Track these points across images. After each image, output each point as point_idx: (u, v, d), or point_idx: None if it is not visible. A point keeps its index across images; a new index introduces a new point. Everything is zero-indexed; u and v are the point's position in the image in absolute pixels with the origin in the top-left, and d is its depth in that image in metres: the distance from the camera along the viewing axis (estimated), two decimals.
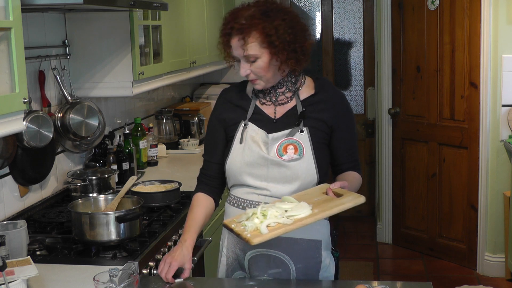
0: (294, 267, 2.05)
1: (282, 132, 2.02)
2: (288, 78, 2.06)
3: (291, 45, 1.95)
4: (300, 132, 2.02)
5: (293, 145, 2.01)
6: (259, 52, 1.93)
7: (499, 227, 4.25)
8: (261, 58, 1.94)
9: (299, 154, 2.00)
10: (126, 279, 1.71)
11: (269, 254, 2.06)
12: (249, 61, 1.96)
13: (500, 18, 4.06)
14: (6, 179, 2.51)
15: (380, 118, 4.97)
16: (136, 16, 2.89)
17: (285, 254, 2.05)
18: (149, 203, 2.66)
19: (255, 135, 2.04)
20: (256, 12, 1.94)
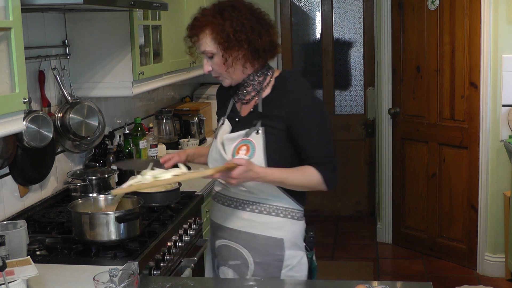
0: (253, 261, 2.10)
1: (237, 133, 2.10)
2: (255, 76, 2.11)
3: (249, 43, 2.02)
4: (256, 132, 2.06)
5: (246, 146, 2.07)
6: (213, 48, 2.04)
7: (499, 227, 4.25)
8: (216, 54, 2.04)
9: (250, 156, 2.05)
10: (126, 279, 1.71)
11: (230, 245, 2.15)
12: (208, 58, 2.07)
13: (500, 18, 4.06)
14: (6, 179, 2.51)
15: (380, 118, 4.97)
16: (136, 16, 2.89)
17: (244, 248, 2.11)
18: (149, 203, 2.66)
19: (222, 133, 2.15)
20: (212, 11, 2.05)
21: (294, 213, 2.14)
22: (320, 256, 4.78)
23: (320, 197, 5.74)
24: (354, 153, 5.68)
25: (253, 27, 2.02)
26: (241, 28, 2.00)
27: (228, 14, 2.01)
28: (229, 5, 2.04)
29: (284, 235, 2.11)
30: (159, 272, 2.26)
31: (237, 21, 2.00)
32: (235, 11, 2.02)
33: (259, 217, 2.10)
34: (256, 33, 2.02)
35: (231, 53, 2.02)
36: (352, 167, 5.70)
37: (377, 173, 5.21)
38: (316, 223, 5.56)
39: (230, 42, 2.00)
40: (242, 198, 2.12)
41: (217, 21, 2.01)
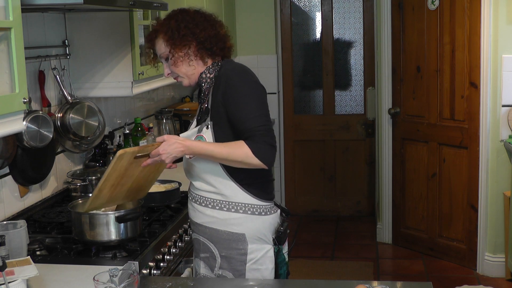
0: (219, 254, 2.20)
1: (192, 130, 2.21)
2: (207, 74, 2.20)
3: (189, 37, 2.14)
4: (206, 127, 2.16)
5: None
6: (165, 50, 2.18)
7: (499, 227, 4.25)
8: (169, 54, 2.17)
9: None
10: (126, 279, 1.71)
11: (199, 239, 2.26)
12: (164, 61, 2.22)
13: (500, 18, 4.06)
14: (6, 179, 2.51)
15: (380, 118, 4.97)
16: (136, 16, 2.89)
17: (210, 242, 2.21)
18: (149, 203, 2.66)
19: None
20: (164, 18, 2.22)
21: (255, 208, 2.19)
22: (320, 256, 4.82)
23: (320, 197, 5.74)
24: (354, 153, 5.68)
25: (197, 23, 2.16)
26: (185, 25, 2.15)
27: (176, 17, 2.18)
28: (178, 12, 2.21)
29: (245, 230, 2.18)
30: (159, 272, 2.26)
31: (183, 19, 2.16)
32: (182, 14, 2.19)
33: (220, 214, 2.19)
34: (201, 27, 2.16)
35: (180, 49, 2.15)
36: (352, 167, 5.70)
37: (377, 173, 5.21)
38: (316, 223, 5.57)
39: (176, 39, 2.14)
40: (205, 195, 2.21)
41: (166, 24, 2.18)
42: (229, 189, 2.17)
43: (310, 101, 5.79)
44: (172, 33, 2.15)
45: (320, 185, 5.74)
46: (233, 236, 2.18)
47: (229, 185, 2.16)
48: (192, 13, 2.21)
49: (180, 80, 2.24)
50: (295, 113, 5.71)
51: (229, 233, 2.18)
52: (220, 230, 2.19)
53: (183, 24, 2.16)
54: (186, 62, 2.18)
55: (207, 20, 2.21)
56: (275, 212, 2.25)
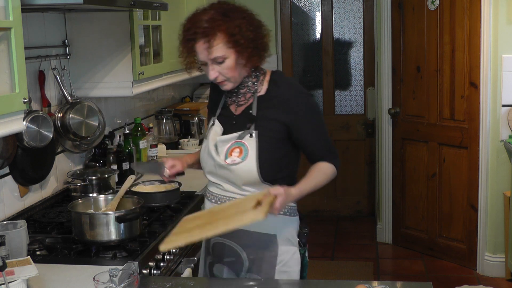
0: (247, 257, 2.12)
1: (231, 135, 2.10)
2: (249, 78, 2.11)
3: (254, 42, 2.02)
4: (249, 136, 2.07)
5: (239, 148, 2.08)
6: (226, 53, 1.99)
7: (499, 227, 4.25)
8: (229, 58, 2.00)
9: (242, 158, 2.06)
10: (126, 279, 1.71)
11: (224, 243, 2.16)
12: (216, 63, 2.01)
13: (500, 18, 4.06)
14: (6, 179, 2.51)
15: (380, 118, 4.97)
16: (136, 16, 2.89)
17: (238, 245, 2.13)
18: (149, 203, 2.66)
19: (214, 135, 2.15)
20: (215, 14, 1.99)
21: (287, 209, 2.16)
22: (320, 256, 4.82)
23: (320, 197, 5.74)
24: (354, 153, 5.68)
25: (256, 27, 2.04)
26: (246, 28, 2.00)
27: (234, 16, 2.00)
28: (228, 6, 2.03)
29: (277, 231, 2.14)
30: (159, 272, 2.26)
31: (246, 22, 2.01)
32: (238, 12, 2.02)
33: None
34: (260, 32, 2.05)
35: (242, 55, 2.00)
36: (352, 167, 5.69)
37: (377, 173, 5.21)
38: (316, 223, 5.56)
39: (242, 44, 1.98)
40: (235, 197, 2.13)
41: (228, 24, 1.97)
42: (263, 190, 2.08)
43: None
44: (236, 37, 1.97)
45: None
46: (264, 237, 2.12)
47: (263, 186, 2.08)
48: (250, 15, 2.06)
49: (224, 83, 2.08)
50: None
51: (261, 234, 2.12)
52: (251, 231, 2.11)
53: (244, 28, 1.99)
54: (241, 66, 2.04)
55: (260, 26, 2.08)
56: (298, 214, 2.23)
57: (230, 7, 2.04)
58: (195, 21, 1.99)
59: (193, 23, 1.99)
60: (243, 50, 1.99)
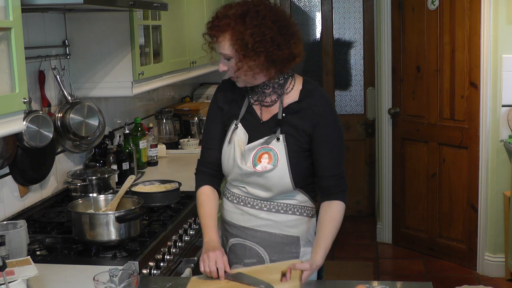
0: (269, 259, 2.10)
1: (257, 142, 2.05)
2: (275, 79, 2.06)
3: (261, 54, 1.94)
4: (276, 140, 2.03)
5: (268, 154, 2.04)
6: (229, 52, 1.97)
7: (499, 227, 4.25)
8: (233, 58, 1.97)
9: (273, 164, 2.02)
10: (126, 279, 1.71)
11: (245, 244, 2.13)
12: (225, 58, 2.01)
13: (500, 18, 4.06)
14: (6, 179, 2.51)
15: (380, 118, 4.97)
16: (136, 16, 2.89)
17: (260, 246, 2.11)
18: (149, 203, 2.66)
19: (239, 142, 2.08)
20: (235, 13, 1.95)
21: (309, 210, 2.14)
22: None
23: None
24: (354, 153, 5.68)
25: (273, 38, 1.94)
26: (261, 38, 1.92)
27: (250, 21, 1.93)
28: (253, 9, 1.95)
29: (300, 232, 2.12)
30: (159, 272, 2.26)
31: (258, 30, 1.93)
32: (258, 18, 1.94)
33: (276, 216, 2.10)
34: (276, 45, 1.95)
35: (247, 61, 1.96)
36: (352, 167, 5.69)
37: (377, 173, 5.21)
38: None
39: (247, 51, 1.93)
40: (258, 197, 2.09)
41: (238, 27, 1.93)
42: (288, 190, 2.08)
43: None
44: (243, 44, 1.93)
45: None
46: (287, 239, 2.11)
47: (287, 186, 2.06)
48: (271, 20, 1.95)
49: (236, 79, 2.05)
50: None
51: (284, 236, 2.10)
52: (274, 233, 2.10)
53: (258, 38, 1.92)
54: (248, 71, 1.99)
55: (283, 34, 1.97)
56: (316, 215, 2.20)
57: (257, 9, 1.95)
58: (218, 13, 2.00)
59: (216, 14, 2.00)
60: (248, 58, 1.95)
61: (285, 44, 1.98)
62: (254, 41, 1.92)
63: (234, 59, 1.97)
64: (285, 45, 1.98)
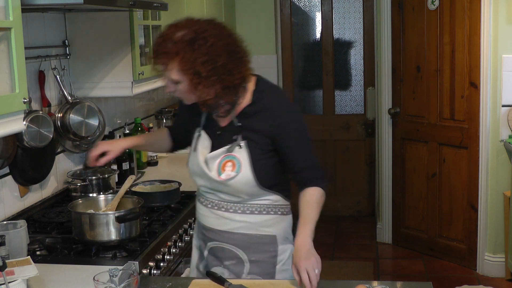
0: (248, 259, 2.13)
1: (220, 150, 2.07)
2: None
3: (214, 82, 1.92)
4: (239, 147, 2.05)
5: (231, 162, 2.05)
6: (180, 78, 1.92)
7: (499, 227, 4.25)
8: (183, 83, 1.93)
9: (237, 171, 2.04)
10: (126, 279, 1.71)
11: (223, 246, 2.15)
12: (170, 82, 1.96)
13: (500, 18, 4.06)
14: (6, 179, 2.51)
15: (380, 118, 4.97)
16: (136, 16, 2.89)
17: (238, 248, 2.13)
18: (149, 203, 2.66)
19: (203, 149, 2.11)
20: (183, 37, 1.89)
21: (284, 208, 2.16)
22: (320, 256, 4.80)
23: None
24: (354, 153, 5.68)
25: (224, 65, 1.91)
26: (213, 66, 1.89)
27: (199, 48, 1.87)
28: (201, 35, 1.89)
29: (276, 231, 2.15)
30: (159, 272, 2.26)
31: (209, 58, 1.88)
32: (207, 45, 1.88)
33: (251, 217, 2.12)
34: (227, 71, 1.92)
35: (199, 89, 1.93)
36: (352, 167, 5.70)
37: (377, 173, 5.21)
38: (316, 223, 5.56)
39: (201, 80, 1.90)
40: (231, 201, 2.11)
41: (187, 56, 1.87)
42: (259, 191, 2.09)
43: (310, 101, 5.79)
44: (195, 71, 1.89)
45: None
46: (264, 239, 2.13)
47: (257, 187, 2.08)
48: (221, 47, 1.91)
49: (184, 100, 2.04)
50: None
51: (261, 236, 2.12)
52: (250, 234, 2.12)
53: (210, 67, 1.88)
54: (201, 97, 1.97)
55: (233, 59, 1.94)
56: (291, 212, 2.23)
57: (204, 36, 1.90)
58: (166, 35, 1.93)
59: (163, 39, 1.93)
60: (200, 85, 1.91)
61: (236, 69, 1.95)
62: (206, 70, 1.89)
63: (184, 83, 1.93)
64: (236, 69, 1.95)
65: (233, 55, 1.95)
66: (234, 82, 1.96)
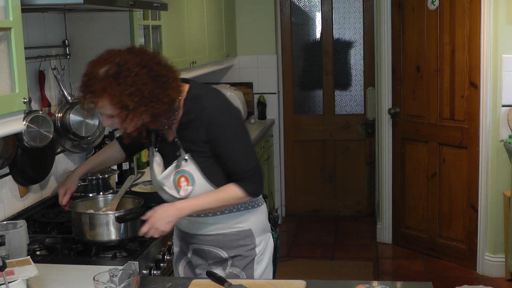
0: (228, 256, 2.17)
1: (169, 169, 2.09)
2: None
3: (143, 112, 1.91)
4: (184, 161, 2.06)
5: (184, 176, 2.08)
6: (112, 112, 1.92)
7: (499, 227, 4.25)
8: (115, 116, 1.93)
9: (192, 184, 2.07)
10: (126, 279, 1.71)
11: (203, 248, 2.20)
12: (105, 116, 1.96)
13: (500, 18, 4.06)
14: (6, 179, 2.51)
15: (380, 118, 4.97)
16: (136, 16, 2.89)
17: (217, 247, 2.17)
18: (149, 203, 2.65)
19: (157, 168, 2.14)
20: (108, 72, 1.88)
21: (253, 201, 2.18)
22: (320, 256, 4.82)
23: (320, 197, 5.74)
24: (354, 153, 5.69)
25: (151, 92, 1.90)
26: (140, 97, 1.88)
27: (125, 80, 1.86)
28: (124, 67, 1.87)
29: (251, 224, 2.18)
30: (159, 272, 2.26)
31: (135, 89, 1.87)
32: (131, 75, 1.87)
33: (223, 218, 2.15)
34: (155, 98, 1.91)
35: (131, 119, 1.92)
36: (352, 167, 5.70)
37: (377, 173, 5.21)
38: (316, 223, 5.57)
39: (129, 112, 1.89)
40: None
41: (114, 91, 1.86)
42: None
43: (310, 101, 5.79)
44: (124, 105, 1.88)
45: (320, 185, 5.74)
46: (241, 234, 2.16)
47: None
48: (144, 74, 1.89)
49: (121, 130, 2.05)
50: (295, 113, 5.71)
51: (236, 232, 2.16)
52: (226, 233, 2.16)
53: (137, 99, 1.87)
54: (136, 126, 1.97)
55: (159, 83, 1.91)
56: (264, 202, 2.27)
57: (126, 67, 1.88)
58: (91, 76, 1.92)
59: (88, 78, 1.92)
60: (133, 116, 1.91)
61: (164, 93, 1.93)
62: (134, 102, 1.88)
63: (117, 117, 1.93)
64: (163, 94, 1.93)
65: (159, 80, 1.92)
66: (163, 107, 1.94)
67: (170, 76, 1.97)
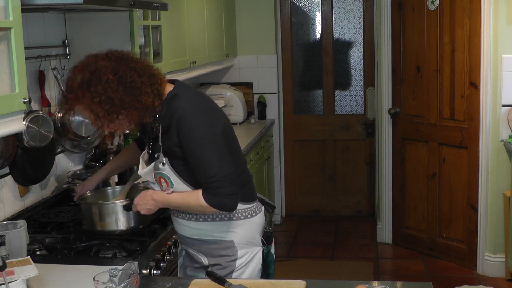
0: (208, 263, 2.17)
1: (148, 168, 2.11)
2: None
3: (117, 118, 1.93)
4: (161, 164, 2.06)
5: (163, 178, 2.09)
6: (89, 116, 1.96)
7: (499, 227, 4.25)
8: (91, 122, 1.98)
9: (171, 186, 2.09)
10: (126, 279, 1.71)
11: (188, 251, 2.23)
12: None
13: (500, 18, 4.06)
14: (6, 179, 2.51)
15: (380, 118, 4.97)
16: (136, 16, 2.89)
17: (199, 252, 2.18)
18: None
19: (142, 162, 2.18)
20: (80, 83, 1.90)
21: (241, 213, 2.15)
22: (320, 256, 4.82)
23: (320, 197, 5.74)
24: (354, 153, 5.69)
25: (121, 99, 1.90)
26: (110, 104, 1.90)
27: (95, 89, 1.88)
28: (96, 74, 1.89)
29: (234, 236, 2.15)
30: (159, 272, 2.26)
31: (106, 97, 1.88)
32: (101, 83, 1.88)
33: (204, 224, 2.14)
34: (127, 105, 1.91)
35: (107, 126, 1.96)
36: (352, 167, 5.70)
37: (377, 173, 5.21)
38: (316, 223, 5.57)
39: (102, 120, 1.93)
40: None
41: (86, 100, 1.90)
42: None
43: (310, 101, 5.79)
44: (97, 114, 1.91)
45: (320, 185, 5.74)
46: (222, 244, 2.15)
47: None
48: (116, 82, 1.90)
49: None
50: (295, 113, 5.71)
51: (218, 241, 2.15)
52: (208, 240, 2.16)
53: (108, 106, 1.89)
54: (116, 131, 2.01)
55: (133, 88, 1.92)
56: (260, 212, 2.22)
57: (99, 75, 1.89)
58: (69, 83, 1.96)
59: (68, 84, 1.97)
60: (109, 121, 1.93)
61: (135, 99, 1.92)
62: (104, 110, 1.90)
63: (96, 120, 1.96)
64: (135, 100, 1.92)
65: (131, 86, 1.91)
66: (136, 113, 1.94)
67: (146, 82, 1.95)
